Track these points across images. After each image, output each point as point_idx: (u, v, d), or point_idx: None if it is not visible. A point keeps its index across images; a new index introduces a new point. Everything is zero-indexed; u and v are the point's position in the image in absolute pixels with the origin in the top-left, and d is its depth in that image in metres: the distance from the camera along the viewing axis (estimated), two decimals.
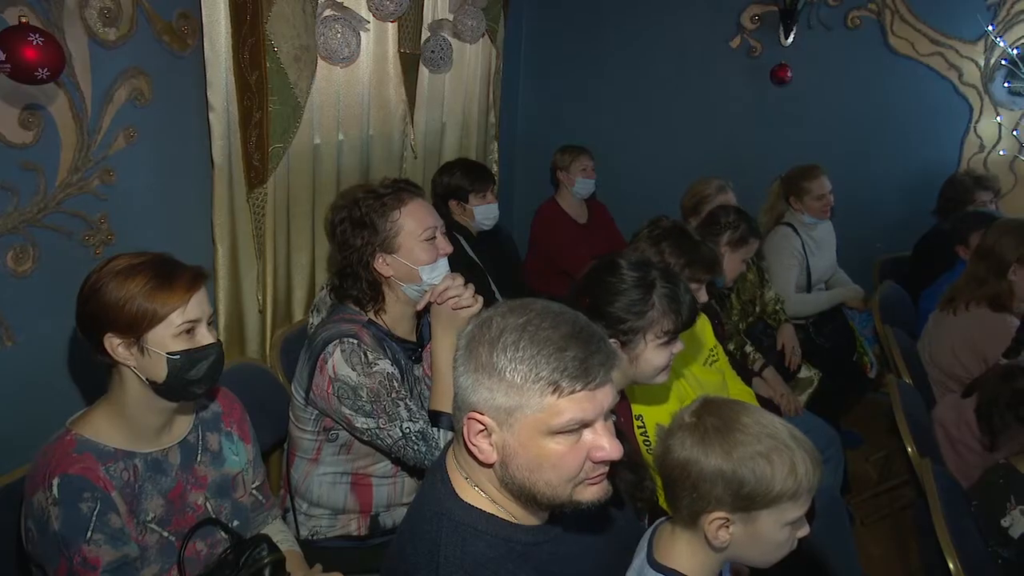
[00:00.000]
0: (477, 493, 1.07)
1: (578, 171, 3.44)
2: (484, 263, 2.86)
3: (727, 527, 1.08)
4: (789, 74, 3.81)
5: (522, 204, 4.01)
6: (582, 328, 1.01)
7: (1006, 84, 3.61)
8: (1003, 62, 3.58)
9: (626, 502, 1.33)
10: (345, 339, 1.62)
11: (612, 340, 1.50)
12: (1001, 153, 3.71)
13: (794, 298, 3.11)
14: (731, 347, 2.63)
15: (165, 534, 1.36)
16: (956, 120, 3.75)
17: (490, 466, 1.04)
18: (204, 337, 1.31)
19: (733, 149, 3.94)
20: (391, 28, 2.68)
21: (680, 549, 1.15)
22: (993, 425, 1.83)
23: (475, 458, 1.04)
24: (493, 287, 2.80)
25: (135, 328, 1.25)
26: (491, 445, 1.02)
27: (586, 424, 1.00)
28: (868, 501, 2.98)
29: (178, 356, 1.27)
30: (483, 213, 2.82)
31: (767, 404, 2.52)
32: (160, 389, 1.29)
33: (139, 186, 1.91)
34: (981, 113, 3.71)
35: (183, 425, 1.43)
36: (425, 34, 2.88)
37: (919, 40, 3.70)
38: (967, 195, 3.27)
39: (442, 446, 1.57)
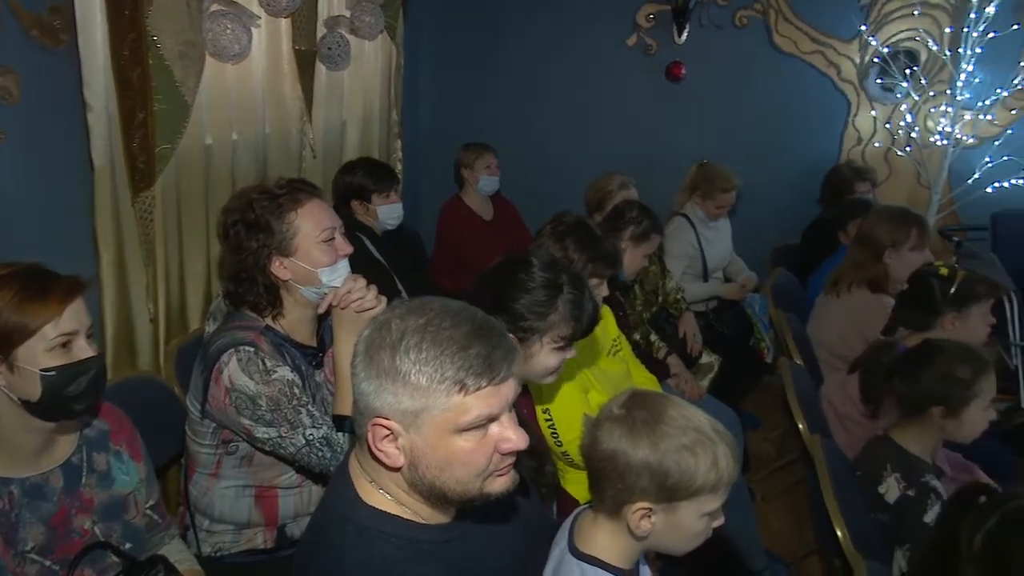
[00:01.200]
0: (382, 496, 1.06)
1: (482, 169, 3.45)
2: (390, 263, 2.83)
3: (649, 517, 1.11)
4: (683, 71, 3.95)
5: (429, 202, 3.99)
6: (483, 324, 1.01)
7: (879, 80, 3.86)
8: (876, 60, 3.83)
9: (531, 489, 1.35)
10: (241, 347, 1.56)
11: (511, 335, 1.51)
12: (876, 145, 3.97)
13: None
14: (636, 336, 2.71)
15: (48, 563, 1.27)
16: (836, 114, 3.99)
17: (398, 470, 1.03)
18: (83, 351, 1.23)
19: (634, 145, 4.04)
20: (284, 24, 2.61)
21: (602, 538, 1.17)
22: (872, 395, 1.95)
23: (382, 463, 1.03)
24: (400, 287, 2.77)
25: (3, 344, 1.16)
26: (398, 449, 1.01)
27: (492, 418, 1.00)
28: (767, 478, 3.13)
29: (53, 372, 1.19)
30: (387, 213, 2.79)
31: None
32: (35, 409, 1.21)
33: (9, 191, 1.78)
34: (858, 108, 3.96)
35: (66, 446, 1.34)
36: (321, 30, 2.81)
37: (801, 39, 3.90)
38: (847, 185, 3.48)
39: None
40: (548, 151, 4.17)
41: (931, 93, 3.82)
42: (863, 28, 3.80)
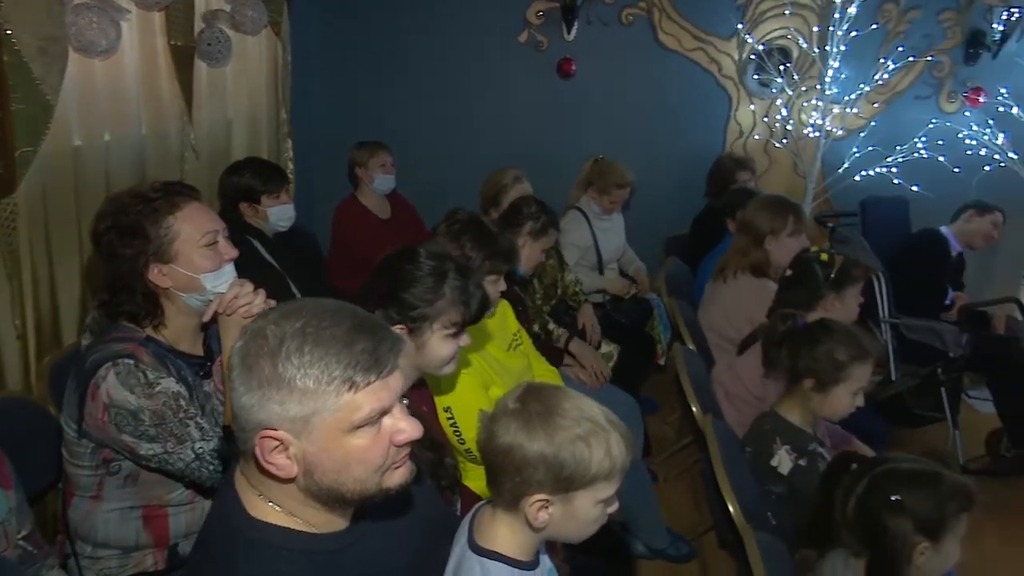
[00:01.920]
0: (272, 509, 1.03)
1: (377, 167, 3.40)
2: (283, 266, 2.74)
3: (547, 508, 1.12)
4: (574, 68, 4.03)
5: (324, 203, 3.90)
6: (363, 319, 0.99)
7: (756, 76, 4.07)
8: (752, 57, 4.04)
9: (426, 480, 1.34)
10: (119, 360, 1.47)
11: (400, 327, 1.51)
12: (756, 137, 4.19)
13: None
14: (536, 328, 2.74)
15: None
16: (719, 109, 4.18)
17: (291, 480, 1.00)
18: None
19: (528, 140, 4.09)
20: (158, 18, 2.47)
21: (501, 532, 1.18)
22: (772, 362, 2.06)
23: (273, 476, 0.99)
24: (294, 290, 2.70)
25: None
26: (290, 459, 0.97)
27: (384, 412, 0.99)
28: (668, 460, 3.25)
29: None
30: (278, 214, 2.70)
31: None
32: None
33: None
34: (739, 102, 4.16)
35: None
36: (199, 25, 2.68)
37: (684, 36, 4.06)
38: (730, 175, 3.66)
39: None
40: (444, 148, 4.16)
41: (803, 88, 4.07)
42: (740, 26, 3.99)
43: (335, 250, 3.46)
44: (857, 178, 4.09)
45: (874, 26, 3.89)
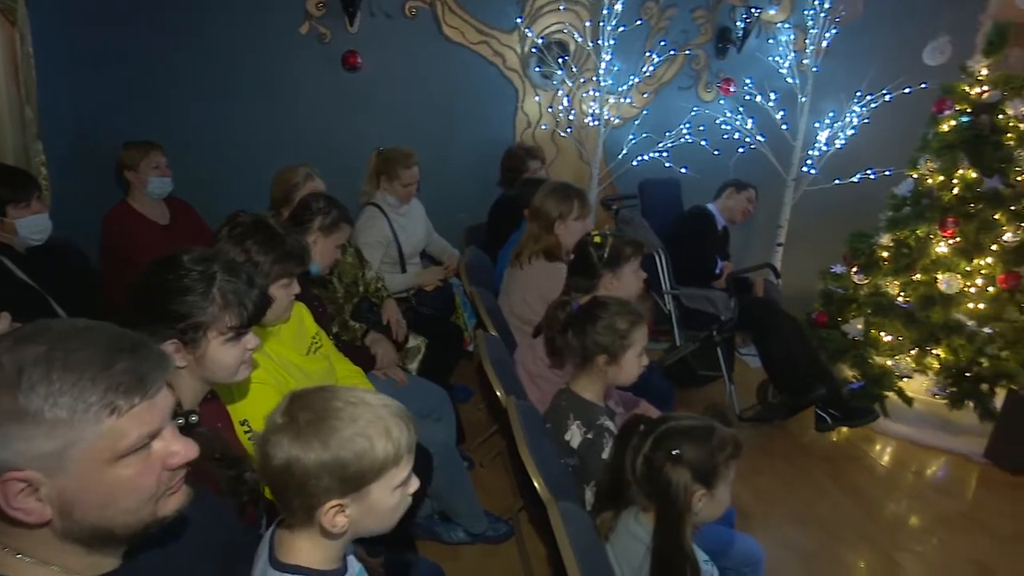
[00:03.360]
0: (19, 561, 0.90)
1: (149, 169, 3.13)
2: (43, 284, 2.45)
3: (343, 512, 1.09)
4: (360, 60, 3.96)
5: (92, 210, 3.51)
6: (120, 336, 0.91)
7: (537, 68, 4.26)
8: (533, 50, 4.21)
9: (223, 498, 1.27)
10: None
11: (173, 341, 1.41)
12: (543, 127, 4.38)
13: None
14: (335, 329, 2.68)
15: None
16: (507, 101, 4.32)
17: (45, 524, 0.88)
18: None
19: (317, 136, 3.97)
20: None
21: (302, 545, 1.13)
22: (555, 348, 2.16)
23: (20, 522, 0.87)
24: (58, 309, 2.41)
25: None
26: (41, 501, 0.86)
27: (153, 435, 0.91)
28: (483, 444, 3.33)
29: None
30: (28, 226, 2.40)
31: None
32: None
33: None
34: (524, 94, 4.32)
35: None
36: None
37: (468, 30, 4.14)
38: (521, 164, 3.80)
39: None
40: (229, 147, 3.92)
41: (582, 80, 4.31)
42: (519, 20, 4.14)
43: (107, 262, 3.14)
44: (635, 163, 4.42)
45: (638, 22, 4.22)
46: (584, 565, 1.47)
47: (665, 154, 4.45)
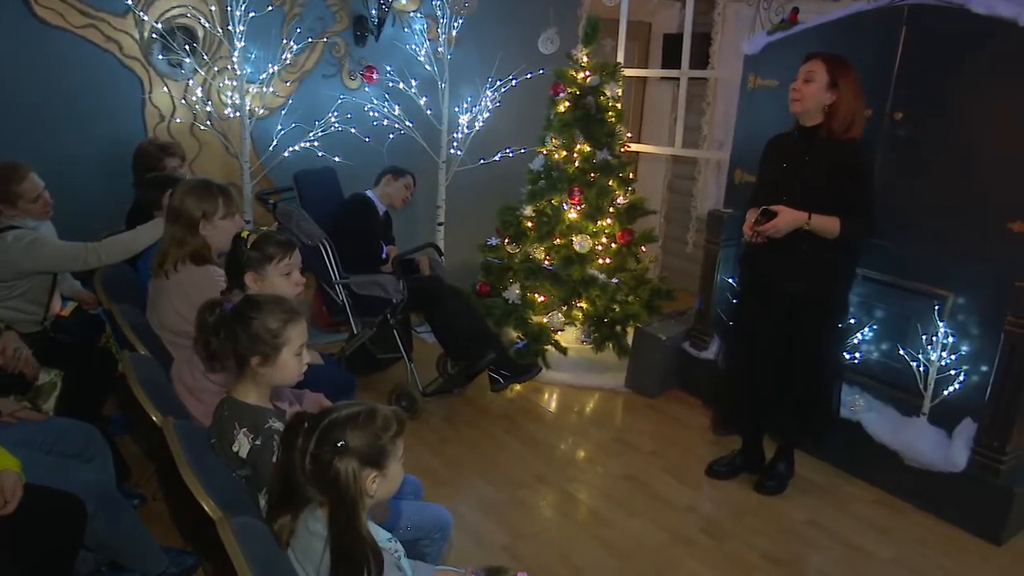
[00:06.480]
0: None
1: None
2: None
3: None
4: None
5: None
6: None
7: (162, 56, 3.87)
8: (156, 36, 3.81)
9: None
10: None
11: None
12: (179, 121, 4.01)
13: None
14: None
15: None
16: (131, 92, 3.86)
17: None
18: None
19: None
20: None
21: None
22: (211, 352, 1.99)
23: None
24: None
25: None
26: None
27: None
28: (155, 474, 2.98)
29: None
30: None
31: None
32: None
33: None
34: (152, 85, 3.90)
35: None
36: None
37: (69, 11, 3.60)
38: (156, 163, 3.43)
39: None
40: None
41: (216, 69, 4.03)
42: (130, 3, 3.71)
43: None
44: (287, 154, 4.28)
45: (270, 8, 4.06)
46: None
47: (317, 144, 4.38)
